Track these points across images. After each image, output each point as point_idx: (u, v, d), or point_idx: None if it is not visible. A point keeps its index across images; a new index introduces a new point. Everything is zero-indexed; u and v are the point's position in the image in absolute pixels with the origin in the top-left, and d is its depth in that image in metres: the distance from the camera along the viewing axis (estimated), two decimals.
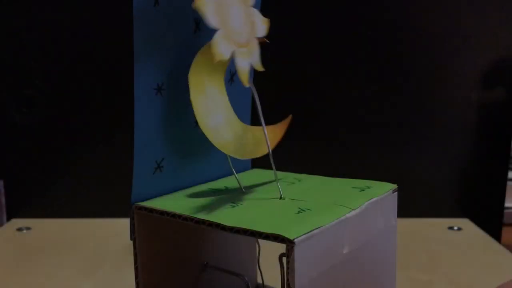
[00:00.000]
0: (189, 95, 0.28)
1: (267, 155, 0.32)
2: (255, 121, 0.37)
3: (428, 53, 0.60)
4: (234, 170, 0.32)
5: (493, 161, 0.62)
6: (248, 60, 0.28)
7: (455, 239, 0.56)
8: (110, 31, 0.59)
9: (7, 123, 0.61)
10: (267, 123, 0.31)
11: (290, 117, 0.32)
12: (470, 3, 0.59)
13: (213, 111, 0.28)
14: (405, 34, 0.60)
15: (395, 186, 0.32)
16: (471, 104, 0.61)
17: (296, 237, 0.23)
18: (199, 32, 0.30)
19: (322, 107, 0.61)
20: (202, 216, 0.27)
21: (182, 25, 0.29)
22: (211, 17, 0.26)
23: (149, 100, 0.29)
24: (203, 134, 0.30)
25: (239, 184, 0.32)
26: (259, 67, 0.29)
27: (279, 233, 0.24)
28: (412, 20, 0.60)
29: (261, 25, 0.29)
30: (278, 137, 0.33)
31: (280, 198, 0.30)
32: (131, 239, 0.30)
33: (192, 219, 0.27)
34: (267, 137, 0.31)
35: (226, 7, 0.27)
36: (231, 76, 0.34)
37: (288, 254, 0.23)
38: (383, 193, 0.30)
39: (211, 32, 0.26)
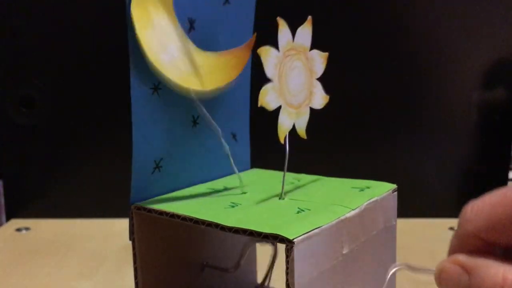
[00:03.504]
0: (185, 95, 0.28)
1: (265, 156, 0.32)
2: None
3: (428, 53, 0.60)
4: (236, 169, 0.32)
5: (494, 161, 0.62)
6: (292, 121, 0.28)
7: None
8: (107, 32, 0.59)
9: (7, 123, 0.61)
10: (266, 124, 0.31)
11: (254, 36, 0.30)
12: (471, 3, 0.59)
13: (166, 44, 0.27)
14: (405, 35, 0.60)
15: (394, 186, 0.32)
16: (471, 104, 0.61)
17: (296, 237, 0.23)
18: (194, 32, 0.30)
19: (324, 107, 0.61)
20: (201, 216, 0.27)
21: None
22: (269, 68, 0.26)
23: (146, 99, 0.28)
24: (201, 133, 0.30)
25: (241, 183, 0.32)
26: (302, 134, 0.29)
27: (279, 233, 0.24)
28: (412, 21, 0.60)
29: (319, 100, 0.30)
30: (244, 61, 0.31)
31: (280, 198, 0.30)
32: (130, 239, 0.30)
33: (191, 219, 0.27)
34: (232, 63, 0.29)
35: (289, 68, 0.27)
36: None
37: (288, 254, 0.23)
38: (383, 193, 0.30)
39: (206, 31, 0.26)
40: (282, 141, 0.28)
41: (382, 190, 0.30)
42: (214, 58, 0.29)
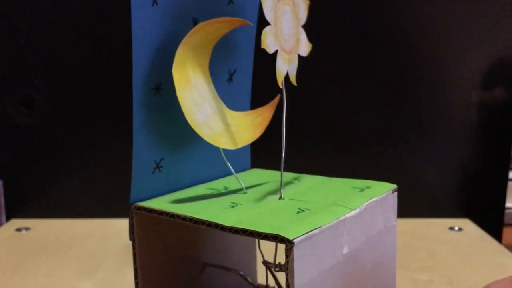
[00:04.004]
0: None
1: (265, 156, 0.31)
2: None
3: (428, 53, 0.60)
4: (233, 170, 0.32)
5: (494, 161, 0.62)
6: (286, 66, 0.29)
7: (456, 239, 0.56)
8: (109, 31, 0.59)
9: (7, 123, 0.61)
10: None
11: (277, 97, 0.32)
12: (471, 3, 0.59)
13: (201, 104, 0.29)
14: (405, 35, 0.60)
15: (395, 186, 0.32)
16: (471, 104, 0.61)
17: (296, 237, 0.23)
18: None
19: (322, 107, 0.61)
20: (201, 216, 0.27)
21: (180, 24, 0.29)
22: (268, 11, 0.27)
23: (147, 100, 0.28)
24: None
25: (241, 184, 0.32)
26: (293, 80, 0.29)
27: (279, 233, 0.24)
28: (412, 21, 0.60)
29: (305, 47, 0.30)
30: (267, 119, 0.33)
31: (280, 198, 0.30)
32: (130, 239, 0.30)
33: (191, 219, 0.27)
34: (257, 121, 0.31)
35: (281, 13, 0.28)
36: (229, 76, 0.33)
37: (288, 254, 0.23)
38: (383, 193, 0.30)
39: None
40: (281, 85, 0.29)
41: (382, 190, 0.30)
42: (242, 117, 0.31)
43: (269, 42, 0.27)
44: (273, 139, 0.32)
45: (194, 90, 0.28)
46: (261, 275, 0.41)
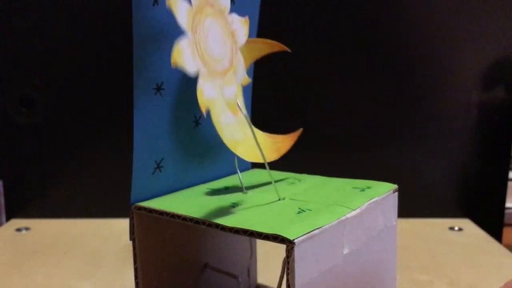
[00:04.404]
0: (188, 95, 0.28)
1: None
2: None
3: (428, 53, 0.60)
4: (238, 170, 0.32)
5: (494, 161, 0.62)
6: (234, 84, 0.27)
7: (456, 239, 0.56)
8: (109, 31, 0.59)
9: (6, 123, 0.61)
10: (266, 123, 0.31)
11: (300, 130, 0.32)
12: (471, 3, 0.59)
13: (227, 110, 0.28)
14: (405, 34, 0.60)
15: (395, 186, 0.32)
16: (471, 104, 0.61)
17: (296, 238, 0.23)
18: None
19: (322, 107, 0.61)
20: (201, 216, 0.27)
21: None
22: (190, 64, 0.23)
23: (148, 100, 0.28)
24: (203, 134, 0.30)
25: (241, 184, 0.32)
26: (246, 81, 0.28)
27: (279, 234, 0.24)
28: (412, 20, 0.60)
29: (242, 30, 0.28)
30: (286, 148, 0.33)
31: (280, 198, 0.30)
32: (130, 239, 0.30)
33: (191, 220, 0.27)
34: (276, 146, 0.31)
35: (207, 27, 0.25)
36: None
37: (288, 254, 0.23)
38: (384, 193, 0.30)
39: None
40: (204, 112, 0.25)
41: (383, 190, 0.30)
42: (262, 136, 0.32)
43: (208, 93, 0.24)
44: None
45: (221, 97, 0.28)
46: (261, 275, 0.41)
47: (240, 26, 0.28)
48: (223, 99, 0.27)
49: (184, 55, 0.23)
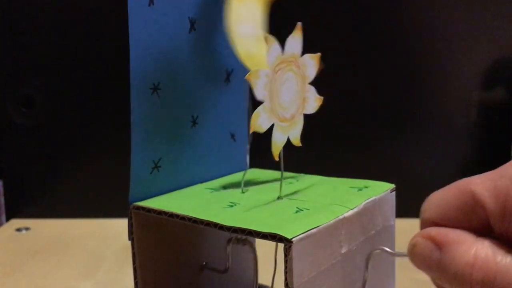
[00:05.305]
0: (185, 95, 0.28)
1: (264, 156, 0.31)
2: None
3: (428, 53, 0.60)
4: (234, 169, 0.32)
5: (494, 161, 0.62)
6: (286, 135, 0.28)
7: None
8: (107, 31, 0.59)
9: (7, 123, 0.61)
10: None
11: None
12: (470, 3, 0.59)
13: (245, 21, 0.28)
14: (405, 34, 0.60)
15: (393, 185, 0.32)
16: (471, 104, 0.61)
17: (294, 237, 0.23)
18: (194, 32, 0.30)
19: (321, 106, 0.61)
20: (199, 215, 0.27)
21: (178, 25, 0.29)
22: (259, 91, 0.26)
23: (145, 99, 0.28)
24: (200, 134, 0.30)
25: (240, 184, 0.32)
26: (297, 142, 0.29)
27: (277, 233, 0.24)
28: (412, 20, 0.60)
29: (313, 103, 0.30)
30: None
31: (278, 197, 0.30)
32: (129, 239, 0.30)
33: (189, 219, 0.27)
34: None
35: (280, 83, 0.27)
36: (227, 76, 0.33)
37: (286, 253, 0.23)
38: (381, 192, 0.30)
39: (206, 32, 0.26)
40: (277, 159, 0.28)
41: (381, 190, 0.30)
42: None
43: (260, 122, 0.26)
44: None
45: (244, 7, 0.28)
46: (262, 276, 0.41)
47: (313, 98, 0.30)
48: (242, 9, 0.28)
49: (259, 120, 0.26)
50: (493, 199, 0.19)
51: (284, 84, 0.27)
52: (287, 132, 0.28)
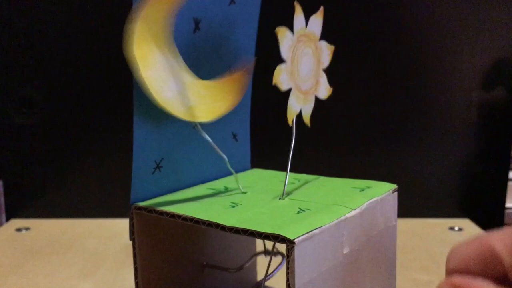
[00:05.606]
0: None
1: (265, 156, 0.31)
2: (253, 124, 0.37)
3: (428, 53, 0.60)
4: (233, 171, 0.32)
5: (494, 161, 0.62)
6: (299, 105, 0.29)
7: (456, 239, 0.56)
8: (109, 31, 0.59)
9: (7, 123, 0.61)
10: (266, 123, 0.31)
11: (254, 61, 0.30)
12: (470, 3, 0.59)
13: (168, 80, 0.27)
14: (405, 35, 0.60)
15: (395, 186, 0.32)
16: (471, 104, 0.61)
17: (296, 237, 0.23)
18: (199, 32, 0.30)
19: (321, 107, 0.61)
20: (201, 216, 0.27)
21: (182, 25, 0.29)
22: (284, 51, 0.27)
23: (148, 100, 0.28)
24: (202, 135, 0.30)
25: (238, 185, 0.32)
26: (307, 121, 0.30)
27: (279, 233, 0.24)
28: (412, 21, 0.60)
29: (324, 90, 0.31)
30: (244, 84, 0.30)
31: (280, 198, 0.30)
32: (130, 239, 0.30)
33: (191, 219, 0.27)
34: (234, 88, 0.30)
35: (300, 53, 0.28)
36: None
37: (288, 254, 0.23)
38: (383, 193, 0.30)
39: (211, 31, 0.26)
40: (290, 123, 0.29)
41: (382, 190, 0.30)
42: (216, 86, 0.29)
43: (282, 79, 0.28)
44: (273, 139, 0.32)
45: (159, 66, 0.26)
46: (261, 275, 0.41)
47: (325, 85, 0.31)
48: (161, 73, 0.26)
49: (281, 76, 0.27)
50: (511, 255, 0.20)
51: (304, 57, 0.29)
52: (301, 103, 0.29)
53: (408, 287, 0.43)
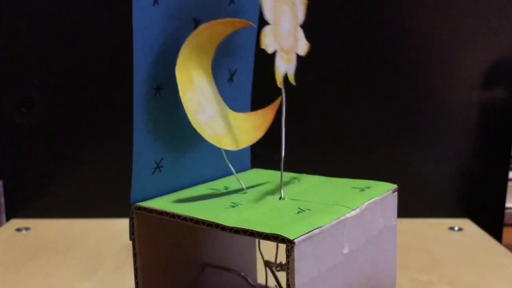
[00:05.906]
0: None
1: (265, 156, 0.31)
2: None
3: (428, 53, 0.60)
4: (234, 171, 0.32)
5: (494, 161, 0.62)
6: (285, 66, 0.29)
7: (456, 239, 0.56)
8: (109, 31, 0.59)
9: (7, 123, 0.61)
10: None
11: (279, 98, 0.32)
12: (470, 3, 0.59)
13: (204, 105, 0.29)
14: (405, 35, 0.60)
15: (395, 186, 0.32)
16: (471, 104, 0.61)
17: (296, 237, 0.23)
18: None
19: (322, 107, 0.61)
20: (201, 216, 0.27)
21: (182, 24, 0.29)
22: (267, 11, 0.27)
23: (148, 100, 0.28)
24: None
25: (241, 184, 0.32)
26: (292, 80, 0.29)
27: (279, 233, 0.24)
28: (412, 21, 0.60)
29: (303, 45, 0.30)
30: (269, 121, 0.33)
31: (280, 198, 0.30)
32: (130, 239, 0.30)
33: (191, 219, 0.27)
34: (259, 123, 0.31)
35: (280, 12, 0.28)
36: (230, 76, 0.33)
37: (288, 254, 0.23)
38: (383, 193, 0.30)
39: None
40: (279, 85, 0.29)
41: (382, 190, 0.30)
42: (243, 118, 0.31)
43: (268, 42, 0.28)
44: (273, 139, 0.32)
45: (197, 91, 0.29)
46: (261, 275, 0.41)
47: (303, 41, 0.30)
48: (198, 97, 0.29)
49: (267, 39, 0.28)
50: None
51: (283, 16, 0.29)
52: (286, 63, 0.29)
53: (408, 287, 0.43)
